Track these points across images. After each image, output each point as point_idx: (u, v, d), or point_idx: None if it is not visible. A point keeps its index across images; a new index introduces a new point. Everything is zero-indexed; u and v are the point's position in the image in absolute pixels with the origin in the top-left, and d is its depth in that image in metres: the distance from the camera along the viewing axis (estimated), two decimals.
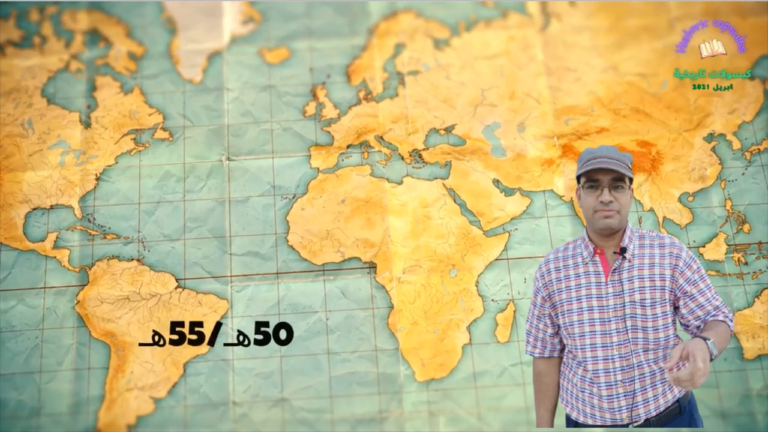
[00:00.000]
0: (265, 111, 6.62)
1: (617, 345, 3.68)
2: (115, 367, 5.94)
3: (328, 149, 6.50)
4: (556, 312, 3.88)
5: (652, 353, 3.69)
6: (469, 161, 6.45)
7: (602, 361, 3.69)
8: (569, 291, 3.79)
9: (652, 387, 3.71)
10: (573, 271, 3.80)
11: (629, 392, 3.67)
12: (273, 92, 6.66)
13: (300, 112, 6.66)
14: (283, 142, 6.53)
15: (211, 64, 6.77)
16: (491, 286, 6.14)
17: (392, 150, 6.52)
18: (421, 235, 6.19)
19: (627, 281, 3.69)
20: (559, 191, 6.37)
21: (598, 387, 3.73)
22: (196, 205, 6.32)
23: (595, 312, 3.73)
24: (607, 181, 3.67)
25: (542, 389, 4.01)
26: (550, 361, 3.99)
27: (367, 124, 6.60)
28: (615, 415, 3.72)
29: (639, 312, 3.67)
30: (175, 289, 6.11)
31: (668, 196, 6.31)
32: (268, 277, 6.13)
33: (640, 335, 3.66)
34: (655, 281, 3.69)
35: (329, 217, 6.27)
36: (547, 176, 6.40)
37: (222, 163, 6.41)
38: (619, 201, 3.66)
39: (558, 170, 6.40)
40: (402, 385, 5.92)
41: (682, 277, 3.71)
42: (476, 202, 6.36)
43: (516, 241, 6.24)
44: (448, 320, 6.04)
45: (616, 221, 3.67)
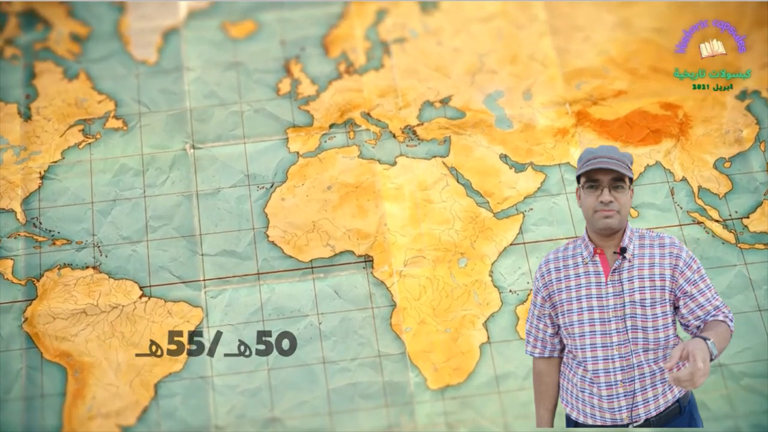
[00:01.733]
0: (233, 91, 6.35)
1: (617, 345, 3.73)
2: (73, 392, 5.55)
3: (308, 130, 6.22)
4: (556, 312, 3.92)
5: (652, 353, 3.73)
6: (471, 135, 6.20)
7: (602, 361, 3.74)
8: (569, 291, 3.83)
9: (652, 387, 3.75)
10: (573, 271, 3.84)
11: (629, 392, 3.73)
12: (240, 70, 6.40)
13: (273, 91, 6.39)
14: (255, 125, 6.24)
15: (166, 42, 6.52)
16: (508, 275, 5.80)
17: (382, 128, 6.26)
18: (422, 222, 5.91)
19: (627, 281, 3.74)
20: (576, 163, 5.37)
21: (598, 387, 3.78)
22: (158, 202, 5.99)
23: (595, 312, 3.77)
24: (607, 181, 3.71)
25: (542, 389, 4.05)
26: (550, 361, 4.03)
27: (350, 100, 6.34)
28: (615, 415, 3.76)
29: (639, 312, 3.72)
30: (140, 299, 5.74)
31: (702, 163, 6.10)
32: (247, 278, 5.80)
33: (640, 335, 3.71)
34: (655, 281, 3.73)
35: (314, 207, 5.96)
36: (561, 148, 6.15)
37: (186, 152, 6.12)
38: (619, 201, 3.71)
39: (573, 140, 6.15)
40: (413, 394, 5.57)
41: (682, 277, 3.75)
42: (483, 180, 6.08)
43: (532, 222, 5.95)
44: (461, 317, 5.71)
45: (616, 221, 3.72)
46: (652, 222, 5.87)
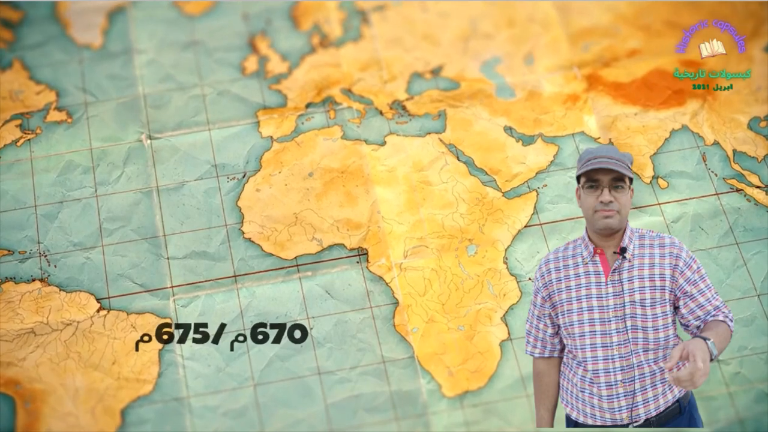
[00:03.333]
0: (192, 73, 6.11)
1: (617, 345, 3.83)
2: (24, 427, 5.13)
3: (282, 112, 5.98)
4: (556, 312, 4.01)
5: (652, 353, 3.83)
6: (469, 107, 5.99)
7: (602, 361, 3.85)
8: (569, 291, 3.93)
9: (652, 387, 3.85)
10: (573, 271, 3.94)
11: (629, 392, 3.83)
12: (199, 50, 6.18)
13: (238, 71, 6.15)
14: (220, 109, 5.99)
15: (112, 23, 6.26)
16: (525, 261, 5.51)
17: (366, 104, 6.02)
18: (420, 207, 5.64)
19: (627, 281, 3.84)
20: (592, 132, 5.87)
21: (598, 387, 3.88)
22: (113, 201, 5.68)
23: (595, 312, 3.87)
24: (607, 181, 3.80)
25: (542, 389, 4.14)
26: (550, 361, 4.12)
27: (327, 75, 6.12)
28: (615, 415, 3.86)
29: (639, 312, 3.82)
30: (98, 313, 5.37)
31: (734, 124, 5.88)
32: (222, 282, 5.48)
33: (640, 335, 3.82)
34: (655, 281, 3.83)
35: (295, 197, 5.70)
36: (573, 116, 5.93)
37: (142, 144, 5.84)
38: (619, 201, 3.81)
39: (586, 107, 5.95)
40: (426, 404, 5.23)
41: (682, 277, 3.84)
42: (487, 157, 5.82)
43: (547, 200, 5.68)
44: (476, 312, 5.39)
45: (616, 221, 3.81)
46: (685, 192, 5.64)
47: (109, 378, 5.21)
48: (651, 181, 5.64)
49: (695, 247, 5.39)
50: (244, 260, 5.54)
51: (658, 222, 5.48)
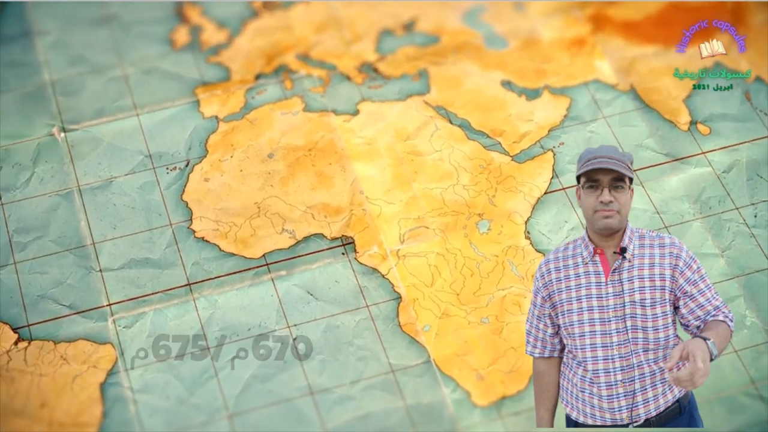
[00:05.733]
0: (109, 52, 5.88)
1: (617, 345, 3.90)
2: None
3: (226, 86, 5.74)
4: (556, 312, 4.03)
5: (652, 353, 3.91)
6: (456, 63, 5.81)
7: (602, 361, 3.92)
8: (569, 291, 3.98)
9: (652, 387, 3.92)
10: (573, 271, 3.98)
11: (629, 392, 3.90)
12: (115, 25, 5.95)
13: (166, 44, 5.93)
14: (148, 90, 5.74)
15: (4, 4, 6.05)
16: (552, 233, 5.16)
17: (329, 69, 5.80)
18: (412, 182, 5.34)
19: (627, 281, 3.91)
20: (608, 78, 5.71)
21: (598, 387, 3.92)
22: (23, 209, 5.30)
23: (595, 312, 3.92)
24: (607, 181, 3.85)
25: (542, 389, 4.16)
26: (550, 361, 4.14)
27: (277, 41, 5.91)
28: (615, 415, 3.93)
29: (639, 312, 3.89)
30: (15, 346, 4.88)
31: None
32: (174, 293, 5.01)
33: (640, 335, 3.90)
34: (655, 281, 3.91)
35: (254, 184, 5.41)
36: (582, 63, 5.75)
37: (55, 138, 5.54)
38: (619, 201, 3.86)
39: (596, 51, 5.79)
40: (454, 418, 4.67)
41: (682, 277, 3.89)
42: (485, 117, 5.58)
43: (567, 160, 5.37)
44: (500, 299, 4.98)
45: (616, 221, 3.87)
46: (732, 137, 5.37)
47: (39, 425, 4.70)
48: (689, 128, 5.45)
49: (757, 198, 5.16)
50: (199, 264, 5.14)
51: (707, 173, 5.16)
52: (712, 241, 4.83)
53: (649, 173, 5.06)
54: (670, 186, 4.99)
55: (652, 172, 5.06)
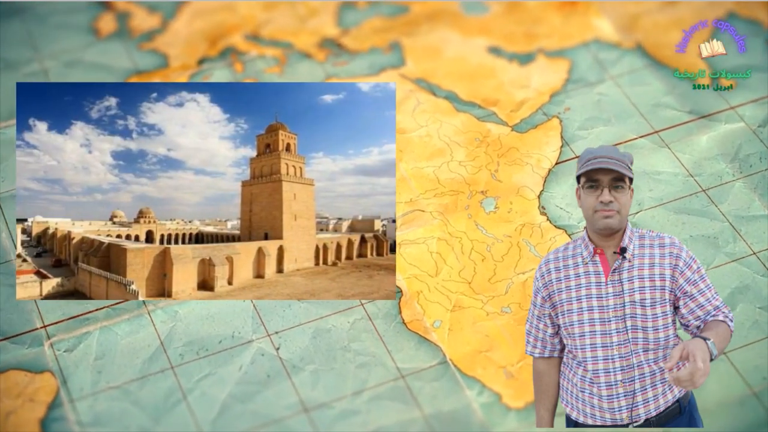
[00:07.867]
0: (24, 46, 5.48)
1: (617, 345, 3.84)
2: None
3: (165, 74, 5.29)
4: (556, 312, 3.94)
5: (652, 353, 3.85)
6: (431, 32, 5.43)
7: (602, 361, 3.85)
8: (569, 291, 3.90)
9: (652, 387, 3.86)
10: (573, 271, 3.91)
11: (629, 392, 3.85)
12: (28, 17, 5.57)
13: (89, 34, 5.49)
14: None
15: None
16: (571, 207, 4.68)
17: (284, 48, 5.37)
18: (399, 161, 4.89)
19: (627, 281, 3.85)
20: (610, 36, 5.38)
21: (598, 387, 3.86)
22: None
23: (595, 312, 3.85)
24: (607, 181, 3.82)
25: (542, 389, 4.06)
26: (550, 361, 4.05)
27: (220, 22, 5.53)
28: (615, 415, 3.85)
29: (639, 312, 3.84)
30: None
31: None
32: (123, 308, 4.33)
33: (640, 335, 3.85)
34: (655, 281, 3.85)
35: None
36: (577, 22, 5.42)
37: None
38: (619, 201, 3.82)
39: (592, 9, 5.50)
40: (484, 423, 4.08)
41: (682, 277, 3.83)
42: (474, 86, 5.18)
43: (576, 126, 4.92)
44: (521, 284, 4.50)
45: (616, 221, 3.83)
46: (760, 89, 5.02)
47: None
48: (711, 83, 5.09)
49: None
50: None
51: (740, 129, 4.72)
52: (759, 202, 4.28)
53: (674, 134, 4.58)
54: (701, 146, 4.50)
55: (676, 132, 4.59)
